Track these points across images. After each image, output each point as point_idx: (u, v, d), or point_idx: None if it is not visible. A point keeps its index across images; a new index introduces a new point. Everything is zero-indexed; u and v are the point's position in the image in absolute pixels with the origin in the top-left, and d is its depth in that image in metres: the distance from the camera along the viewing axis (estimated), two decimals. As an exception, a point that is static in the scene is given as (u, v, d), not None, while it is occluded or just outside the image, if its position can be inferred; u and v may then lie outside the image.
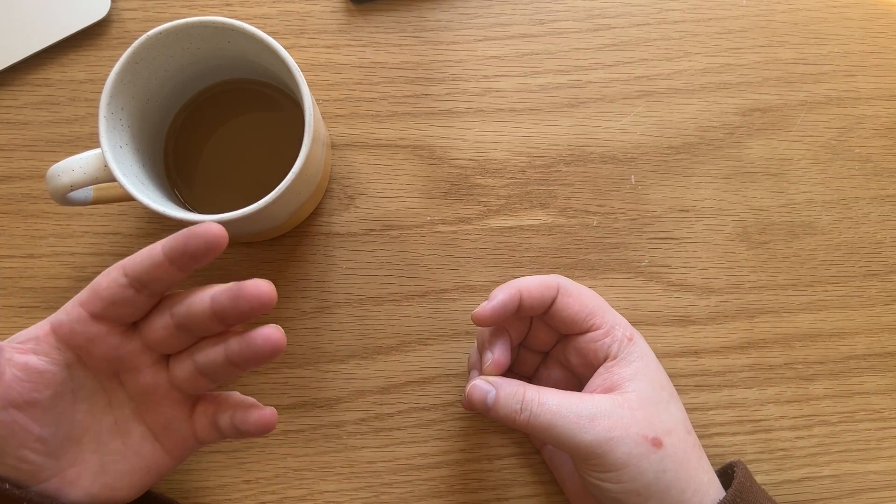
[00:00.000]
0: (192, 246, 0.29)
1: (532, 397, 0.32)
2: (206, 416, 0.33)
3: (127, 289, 0.30)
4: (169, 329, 0.31)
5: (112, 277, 0.30)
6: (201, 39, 0.34)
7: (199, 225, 0.29)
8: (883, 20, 0.43)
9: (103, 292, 0.30)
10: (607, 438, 0.31)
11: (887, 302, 0.41)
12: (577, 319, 0.35)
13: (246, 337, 0.30)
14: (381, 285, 0.40)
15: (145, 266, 0.29)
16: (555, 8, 0.42)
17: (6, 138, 0.40)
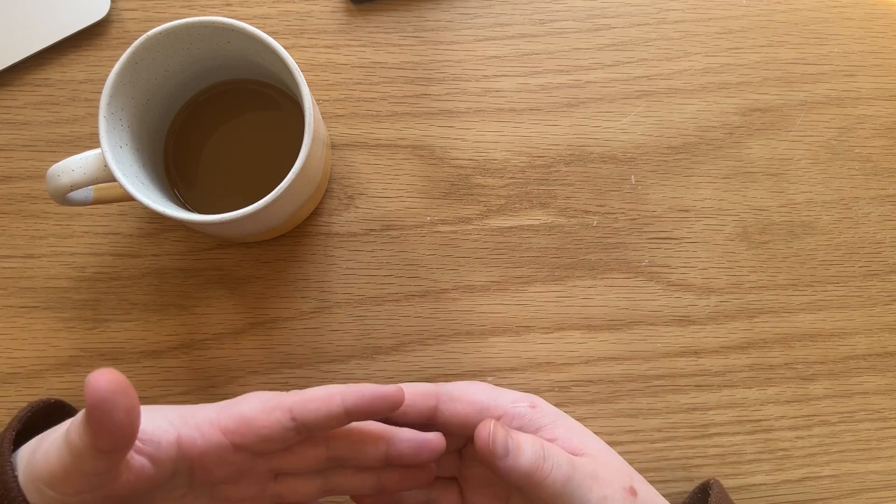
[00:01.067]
0: (377, 408, 0.29)
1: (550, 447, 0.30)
2: None
3: (290, 431, 0.29)
4: (319, 459, 0.31)
5: (276, 419, 0.29)
6: (201, 39, 0.34)
7: (385, 389, 0.29)
8: (883, 20, 0.43)
9: (262, 431, 0.29)
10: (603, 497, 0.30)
11: (887, 302, 0.41)
12: (471, 421, 0.31)
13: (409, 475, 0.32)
14: (381, 285, 0.40)
15: (320, 415, 0.29)
16: (555, 8, 0.42)
17: (6, 138, 0.40)
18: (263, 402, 0.30)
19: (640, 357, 0.40)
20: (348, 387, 0.29)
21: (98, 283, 0.39)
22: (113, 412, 0.24)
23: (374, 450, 0.31)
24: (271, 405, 0.29)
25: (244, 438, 0.29)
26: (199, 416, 0.30)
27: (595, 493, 0.29)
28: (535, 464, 0.29)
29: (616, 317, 0.40)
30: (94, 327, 0.39)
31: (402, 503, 0.34)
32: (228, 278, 0.40)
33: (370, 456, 0.31)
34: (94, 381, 0.23)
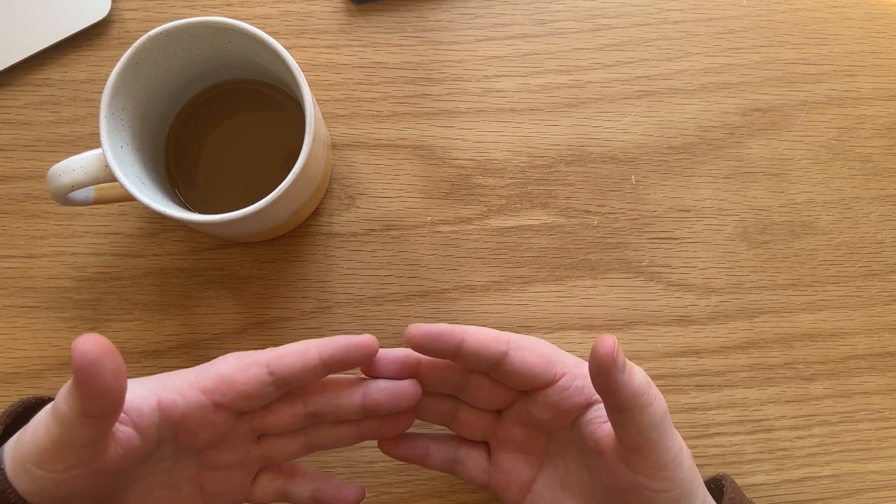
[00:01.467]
0: (351, 357, 0.30)
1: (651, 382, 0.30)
2: (272, 485, 0.33)
3: (269, 386, 0.30)
4: (298, 417, 0.32)
5: (254, 374, 0.30)
6: (202, 40, 0.34)
7: (358, 338, 0.30)
8: (883, 20, 0.43)
9: (241, 387, 0.29)
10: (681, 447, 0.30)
11: (887, 302, 0.41)
12: (538, 372, 0.31)
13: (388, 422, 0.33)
14: (381, 285, 0.40)
15: (296, 368, 0.30)
16: (555, 8, 0.42)
17: (7, 138, 0.40)
18: (240, 360, 0.30)
19: (640, 357, 0.40)
20: (323, 339, 0.30)
21: (99, 283, 0.39)
22: (101, 374, 0.24)
23: (349, 401, 0.31)
24: (248, 362, 0.30)
25: (224, 397, 0.30)
26: (178, 379, 0.30)
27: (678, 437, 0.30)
28: (645, 388, 0.28)
29: (616, 317, 0.40)
30: (94, 327, 0.39)
31: (430, 457, 0.34)
32: (229, 278, 0.40)
33: (346, 407, 0.31)
34: (81, 345, 0.24)
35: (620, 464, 0.30)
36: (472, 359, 0.31)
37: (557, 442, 0.34)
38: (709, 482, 0.36)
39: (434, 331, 0.30)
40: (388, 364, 0.32)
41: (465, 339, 0.31)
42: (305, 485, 0.33)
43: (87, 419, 0.25)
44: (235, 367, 0.30)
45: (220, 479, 0.32)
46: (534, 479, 0.34)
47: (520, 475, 0.34)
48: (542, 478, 0.34)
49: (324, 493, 0.33)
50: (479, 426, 0.34)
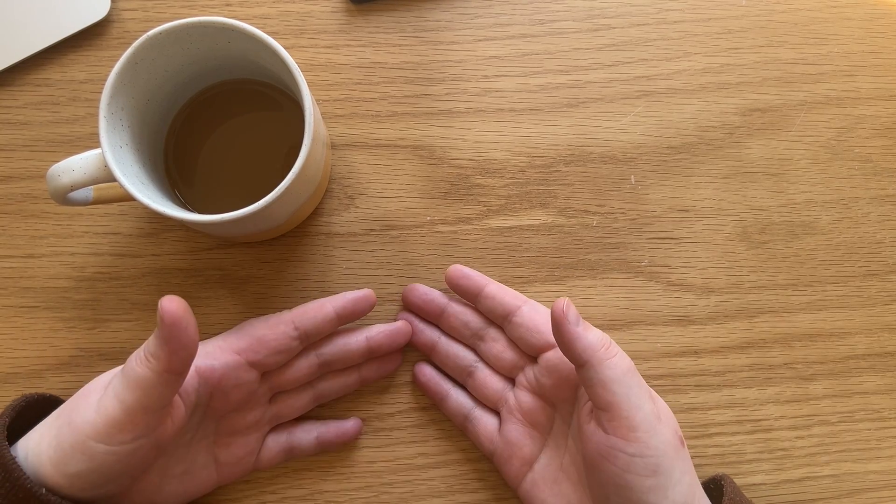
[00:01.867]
0: (359, 308, 0.36)
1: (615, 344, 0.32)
2: (278, 443, 0.37)
3: (294, 340, 0.35)
4: (312, 367, 0.36)
5: (282, 331, 0.34)
6: (201, 40, 0.34)
7: (361, 292, 0.36)
8: (883, 20, 0.43)
9: (272, 343, 0.34)
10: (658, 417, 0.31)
11: (887, 302, 0.41)
12: (542, 331, 0.35)
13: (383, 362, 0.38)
14: (380, 285, 0.40)
15: (317, 321, 0.35)
16: (555, 8, 0.42)
17: (6, 138, 0.40)
18: (266, 321, 0.35)
19: (639, 357, 0.40)
20: (333, 296, 0.36)
21: (98, 283, 0.39)
22: (187, 330, 0.28)
23: (356, 344, 0.36)
24: (274, 321, 0.35)
25: (257, 354, 0.34)
26: (208, 346, 0.34)
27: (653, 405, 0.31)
28: (603, 342, 0.31)
29: (616, 317, 0.40)
30: (94, 327, 0.39)
31: (448, 401, 0.38)
32: (228, 278, 0.40)
33: (354, 351, 0.36)
34: (168, 304, 0.27)
35: (598, 429, 0.31)
36: (490, 304, 0.37)
37: (561, 424, 0.36)
38: (708, 482, 0.36)
39: (466, 271, 0.38)
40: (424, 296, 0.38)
41: (488, 286, 0.37)
42: (307, 434, 0.37)
43: (169, 377, 0.28)
44: (264, 327, 0.34)
45: (235, 446, 0.35)
46: (536, 457, 0.36)
47: (523, 449, 0.36)
48: (543, 457, 0.35)
49: (326, 433, 0.37)
50: (493, 388, 0.37)
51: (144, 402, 0.28)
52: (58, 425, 0.30)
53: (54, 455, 0.29)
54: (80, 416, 0.29)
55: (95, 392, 0.30)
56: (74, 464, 0.28)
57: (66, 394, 0.38)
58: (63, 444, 0.29)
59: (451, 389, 0.38)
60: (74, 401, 0.30)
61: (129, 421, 0.28)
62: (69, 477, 0.28)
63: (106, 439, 0.28)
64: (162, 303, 0.27)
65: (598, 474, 0.32)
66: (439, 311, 0.38)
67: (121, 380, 0.29)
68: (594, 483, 0.32)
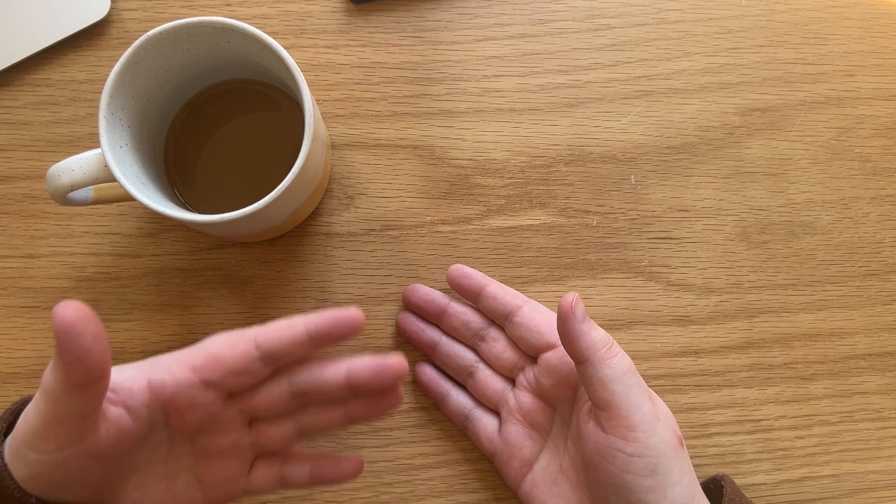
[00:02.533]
0: (337, 331, 0.29)
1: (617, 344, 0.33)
2: (269, 470, 0.33)
3: (256, 362, 0.29)
4: (283, 397, 0.31)
5: (241, 350, 0.29)
6: (201, 40, 0.34)
7: (343, 311, 0.29)
8: (883, 20, 0.43)
9: (229, 363, 0.29)
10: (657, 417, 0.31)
11: (887, 302, 0.41)
12: (542, 332, 0.35)
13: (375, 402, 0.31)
14: (380, 285, 0.40)
15: (284, 343, 0.29)
16: (554, 8, 0.42)
17: (6, 138, 0.40)
18: (228, 337, 0.30)
19: (639, 357, 0.40)
20: (311, 314, 0.30)
21: (98, 283, 0.39)
22: (81, 338, 0.24)
23: (334, 376, 0.30)
24: (235, 338, 0.30)
25: (213, 373, 0.29)
26: (168, 359, 0.30)
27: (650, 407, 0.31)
28: (605, 342, 0.32)
29: (616, 317, 0.40)
30: (94, 327, 0.39)
31: (448, 401, 0.38)
32: (228, 278, 0.40)
33: (331, 383, 0.30)
34: (60, 311, 0.24)
35: (597, 429, 0.31)
36: (491, 304, 0.37)
37: (561, 425, 0.36)
38: (707, 482, 0.36)
39: (467, 270, 0.38)
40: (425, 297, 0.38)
41: (489, 285, 0.37)
42: (302, 466, 0.33)
43: (74, 389, 0.25)
44: (223, 344, 0.30)
45: (216, 469, 0.32)
46: (535, 458, 0.36)
47: (522, 450, 0.36)
48: (543, 458, 0.35)
49: (321, 470, 0.33)
50: (494, 389, 0.37)
51: (57, 414, 0.26)
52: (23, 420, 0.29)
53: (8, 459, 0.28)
54: (20, 422, 0.28)
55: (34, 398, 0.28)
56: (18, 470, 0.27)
57: (66, 394, 0.38)
58: (11, 448, 0.28)
59: (451, 390, 0.38)
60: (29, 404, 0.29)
61: (46, 431, 0.27)
62: (21, 481, 0.27)
63: (33, 448, 0.27)
64: (55, 309, 0.24)
65: (596, 474, 0.32)
66: (440, 311, 0.38)
67: (39, 390, 0.27)
68: (593, 484, 0.32)
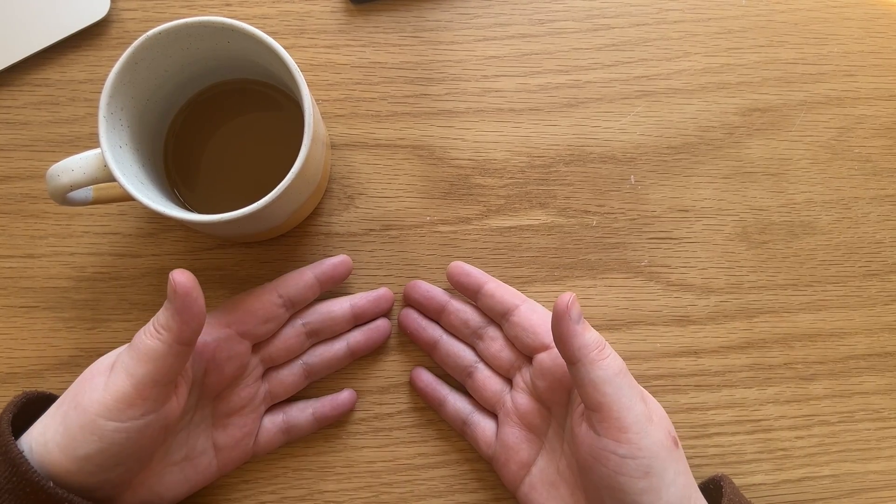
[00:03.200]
0: (338, 272, 0.37)
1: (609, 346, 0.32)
2: (275, 423, 0.37)
3: (280, 308, 0.36)
4: (300, 337, 0.37)
5: (267, 299, 0.35)
6: (201, 39, 0.34)
7: (339, 257, 0.38)
8: (883, 20, 0.43)
9: (260, 312, 0.35)
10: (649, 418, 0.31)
11: (887, 302, 0.41)
12: (538, 332, 0.35)
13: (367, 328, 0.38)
14: (380, 285, 0.40)
15: (299, 288, 0.36)
16: (554, 8, 0.42)
17: (6, 138, 0.40)
18: (250, 293, 0.36)
19: (639, 357, 0.40)
20: (313, 264, 0.37)
21: (98, 283, 0.39)
22: (198, 300, 0.30)
23: (340, 309, 0.37)
24: (258, 292, 0.36)
25: (247, 324, 0.34)
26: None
27: (643, 408, 0.31)
28: (598, 343, 0.32)
29: (616, 317, 0.40)
30: (93, 327, 0.39)
31: (446, 405, 0.38)
32: (228, 278, 0.40)
33: (339, 315, 0.37)
34: (179, 277, 0.29)
35: (590, 431, 0.31)
36: (489, 302, 0.37)
37: (557, 427, 0.36)
38: (707, 482, 0.36)
39: (466, 268, 0.38)
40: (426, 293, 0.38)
41: (488, 283, 0.37)
42: (303, 411, 0.37)
43: (179, 348, 0.29)
44: (250, 298, 0.35)
45: (232, 429, 0.35)
46: (533, 460, 0.36)
47: (520, 453, 0.36)
48: (540, 461, 0.36)
49: (322, 408, 0.37)
50: (492, 390, 0.37)
51: (154, 375, 0.29)
52: (63, 411, 0.30)
53: (62, 440, 0.29)
54: (86, 397, 0.29)
55: (100, 374, 0.30)
56: (84, 445, 0.29)
57: (66, 394, 0.38)
58: (71, 427, 0.29)
59: (448, 394, 0.38)
60: (78, 385, 0.31)
61: (138, 395, 0.29)
62: (78, 460, 0.29)
63: (116, 416, 0.29)
64: (173, 275, 0.29)
65: (591, 476, 0.32)
66: (440, 307, 0.38)
67: (130, 355, 0.30)
68: (588, 486, 0.32)
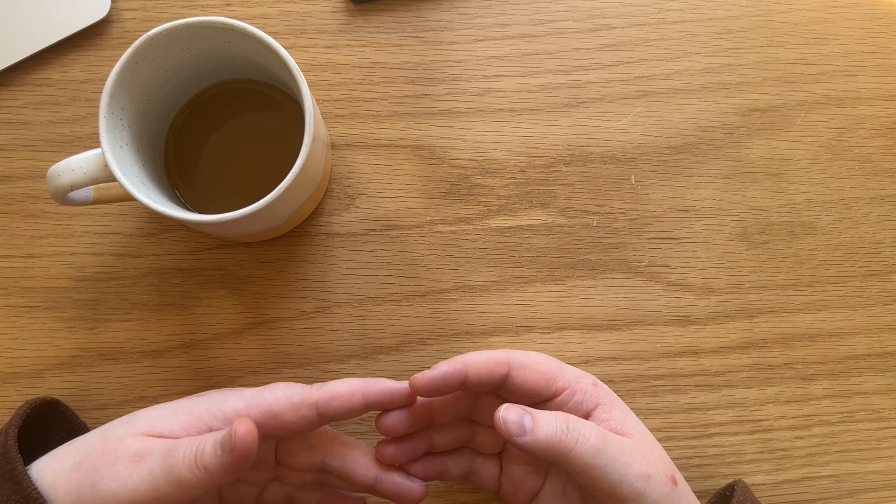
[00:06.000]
0: (393, 403, 0.32)
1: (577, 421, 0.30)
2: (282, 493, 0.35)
3: (315, 424, 0.32)
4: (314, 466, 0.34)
5: (303, 415, 0.31)
6: (201, 39, 0.34)
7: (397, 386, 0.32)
8: (883, 20, 0.43)
9: (291, 424, 0.31)
10: (647, 475, 0.30)
11: (887, 302, 0.41)
12: (538, 389, 0.32)
13: None
14: (380, 285, 0.40)
15: (343, 410, 0.32)
16: (555, 8, 0.42)
17: (6, 138, 0.40)
18: (290, 398, 0.31)
19: (639, 357, 0.40)
20: (366, 382, 0.32)
21: (98, 283, 0.39)
22: (251, 458, 0.27)
23: (364, 476, 0.33)
24: (298, 401, 0.31)
25: (273, 431, 0.31)
26: (228, 408, 0.31)
27: (636, 468, 0.29)
28: (557, 436, 0.29)
29: (616, 317, 0.40)
30: (94, 327, 0.39)
31: (448, 472, 0.35)
32: (228, 278, 0.40)
33: (360, 480, 0.33)
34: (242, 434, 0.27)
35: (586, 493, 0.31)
36: (477, 387, 0.32)
37: None
38: (724, 490, 0.36)
39: (437, 376, 0.31)
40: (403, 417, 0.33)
41: (468, 374, 0.32)
42: (312, 495, 0.35)
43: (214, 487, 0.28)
44: (286, 406, 0.31)
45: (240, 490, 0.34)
46: (540, 487, 0.35)
47: (527, 484, 0.35)
48: (547, 486, 0.35)
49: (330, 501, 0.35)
50: (494, 444, 0.36)
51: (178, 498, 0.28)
52: (78, 479, 0.29)
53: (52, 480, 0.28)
54: (104, 485, 0.28)
55: (123, 461, 0.29)
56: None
57: (67, 394, 0.38)
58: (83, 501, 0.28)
59: (446, 462, 0.35)
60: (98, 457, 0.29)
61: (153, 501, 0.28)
62: None
63: None
64: (237, 430, 0.27)
65: None
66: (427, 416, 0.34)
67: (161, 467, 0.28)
68: None
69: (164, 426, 0.30)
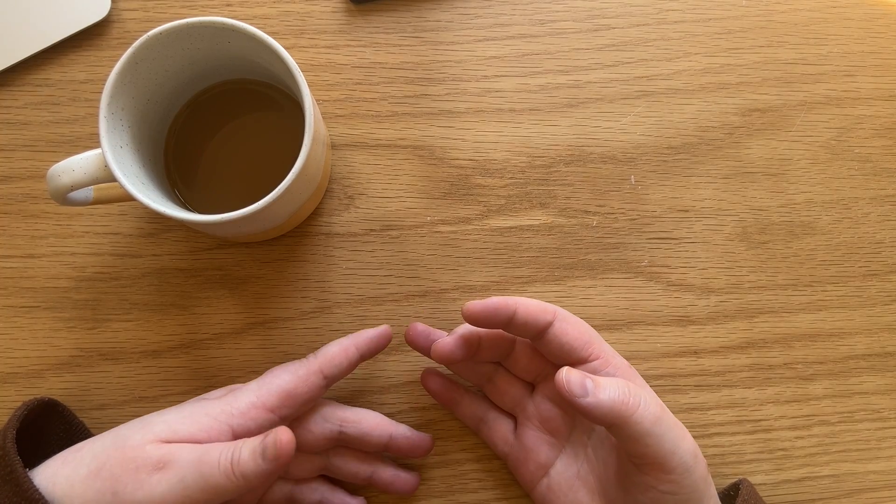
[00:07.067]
0: (380, 345, 0.36)
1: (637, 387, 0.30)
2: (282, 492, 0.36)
3: (323, 388, 0.34)
4: (330, 436, 0.35)
5: (313, 382, 0.33)
6: (201, 40, 0.34)
7: (380, 329, 0.36)
8: (883, 20, 0.43)
9: (304, 396, 0.33)
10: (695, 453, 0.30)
11: (887, 302, 0.41)
12: (574, 346, 0.33)
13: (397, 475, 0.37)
14: (381, 285, 0.40)
15: (344, 367, 0.35)
16: (555, 8, 0.42)
17: (6, 138, 0.40)
18: (296, 373, 0.33)
19: (639, 357, 0.40)
20: (353, 337, 0.35)
21: (98, 283, 0.39)
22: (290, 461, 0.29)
23: (379, 437, 0.35)
24: (304, 372, 0.34)
25: (290, 409, 0.33)
26: (242, 402, 0.32)
27: (688, 443, 0.30)
28: (620, 398, 0.29)
29: (616, 317, 0.40)
30: (94, 327, 0.39)
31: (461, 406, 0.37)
32: (228, 278, 0.40)
33: (375, 440, 0.35)
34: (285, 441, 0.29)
35: (629, 463, 0.31)
36: (522, 328, 0.33)
37: (580, 433, 0.35)
38: (728, 489, 0.36)
39: (490, 305, 0.32)
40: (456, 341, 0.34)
41: (517, 311, 0.33)
42: (312, 493, 0.36)
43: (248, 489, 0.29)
44: (295, 380, 0.33)
45: None
46: (552, 462, 0.35)
47: (539, 455, 0.35)
48: (559, 464, 0.35)
49: (332, 499, 0.36)
50: (512, 395, 0.36)
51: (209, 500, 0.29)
52: (97, 487, 0.28)
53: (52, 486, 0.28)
54: (129, 494, 0.28)
55: (146, 468, 0.29)
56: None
57: (67, 394, 0.38)
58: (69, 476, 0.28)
59: (463, 394, 0.37)
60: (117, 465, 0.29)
61: None
62: None
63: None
64: (280, 436, 0.29)
65: (625, 495, 0.32)
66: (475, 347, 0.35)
67: (195, 479, 0.28)
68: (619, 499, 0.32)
69: (183, 431, 0.30)
